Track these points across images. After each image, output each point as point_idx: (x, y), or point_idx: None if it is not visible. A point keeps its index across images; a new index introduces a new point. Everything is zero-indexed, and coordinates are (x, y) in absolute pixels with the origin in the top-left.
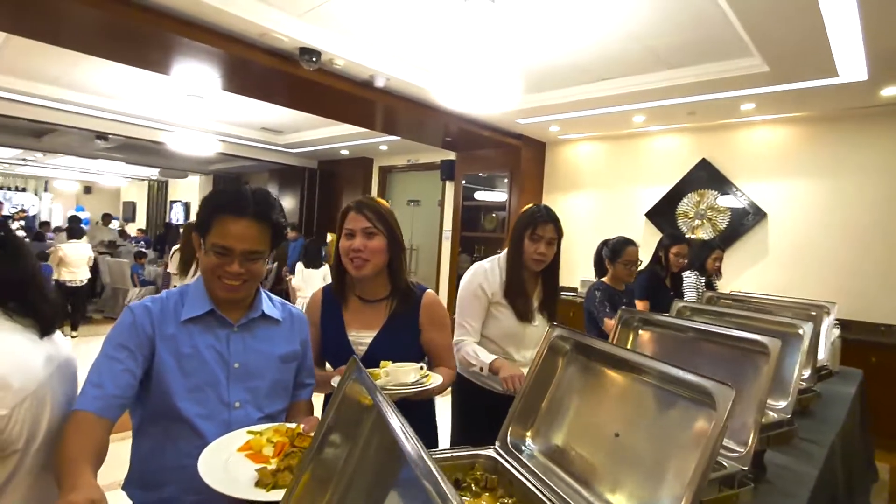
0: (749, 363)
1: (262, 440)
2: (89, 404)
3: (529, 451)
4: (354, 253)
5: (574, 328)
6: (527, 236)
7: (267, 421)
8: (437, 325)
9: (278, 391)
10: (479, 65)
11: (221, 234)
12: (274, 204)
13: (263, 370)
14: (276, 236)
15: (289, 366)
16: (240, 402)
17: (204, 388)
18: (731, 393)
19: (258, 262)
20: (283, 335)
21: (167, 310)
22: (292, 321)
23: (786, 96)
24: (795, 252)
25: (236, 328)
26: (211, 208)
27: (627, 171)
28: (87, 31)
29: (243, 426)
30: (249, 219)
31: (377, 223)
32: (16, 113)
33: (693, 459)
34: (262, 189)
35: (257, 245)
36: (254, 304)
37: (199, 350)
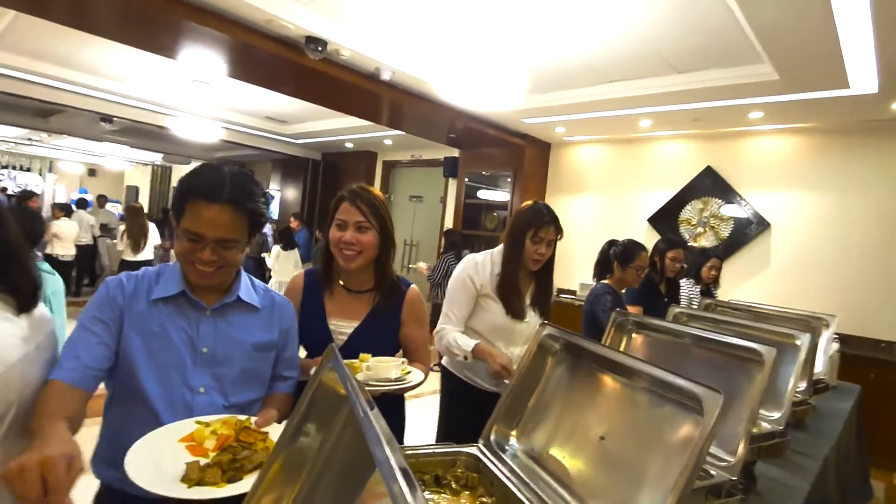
0: (742, 371)
1: (206, 432)
2: (65, 375)
3: (513, 451)
4: (345, 245)
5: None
6: (528, 237)
7: (234, 410)
8: (417, 321)
9: (249, 380)
10: (486, 62)
11: (193, 220)
12: (252, 190)
13: (233, 357)
14: (253, 224)
15: (264, 355)
16: (204, 388)
17: (168, 369)
18: (719, 398)
19: (232, 250)
20: (260, 323)
21: (141, 287)
22: (273, 309)
23: (795, 106)
24: (798, 264)
25: (209, 312)
26: (184, 191)
27: (631, 175)
28: (98, 12)
29: (207, 413)
30: (223, 205)
31: (371, 217)
32: (23, 92)
33: (679, 466)
34: (243, 173)
35: (231, 233)
36: (231, 288)
37: (167, 331)
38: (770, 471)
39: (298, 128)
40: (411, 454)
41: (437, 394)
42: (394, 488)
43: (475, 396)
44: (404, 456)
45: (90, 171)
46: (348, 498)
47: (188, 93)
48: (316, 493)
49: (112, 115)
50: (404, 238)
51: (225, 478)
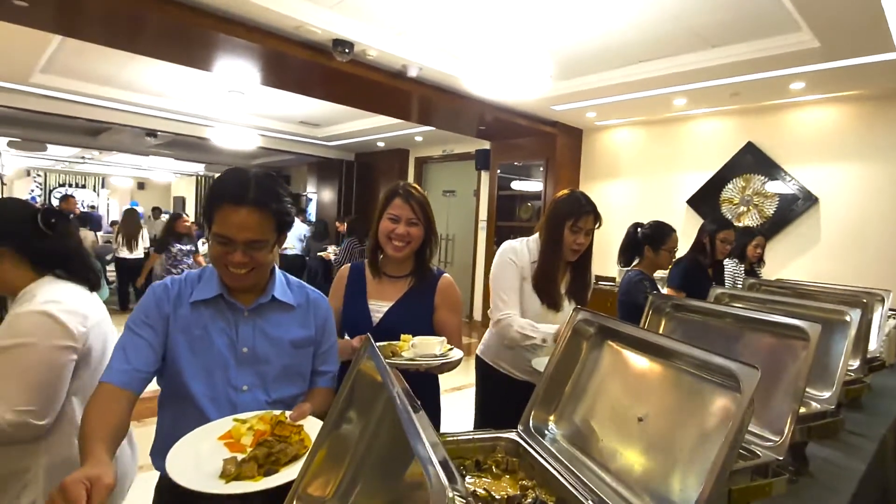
0: (787, 350)
1: (243, 429)
2: (113, 377)
3: (552, 435)
4: (397, 237)
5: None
6: (567, 227)
7: (278, 406)
8: (449, 307)
9: (290, 377)
10: (512, 50)
11: (222, 224)
12: (276, 191)
13: (272, 355)
14: (280, 224)
15: (303, 351)
16: (248, 386)
17: (212, 370)
18: (755, 374)
19: (262, 251)
20: (296, 320)
21: (184, 290)
22: (308, 306)
23: (838, 74)
24: (849, 240)
25: (247, 313)
26: (212, 197)
27: (668, 156)
28: (135, 31)
29: (251, 410)
30: (249, 207)
31: (420, 214)
32: (72, 112)
33: (717, 442)
34: (267, 174)
35: (259, 234)
36: (266, 288)
37: (209, 333)
38: (823, 452)
39: (331, 130)
40: (451, 440)
41: (473, 387)
42: (433, 479)
43: (509, 385)
44: (443, 442)
45: (139, 185)
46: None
47: (225, 103)
48: (359, 479)
49: (156, 130)
50: (440, 233)
51: (261, 471)
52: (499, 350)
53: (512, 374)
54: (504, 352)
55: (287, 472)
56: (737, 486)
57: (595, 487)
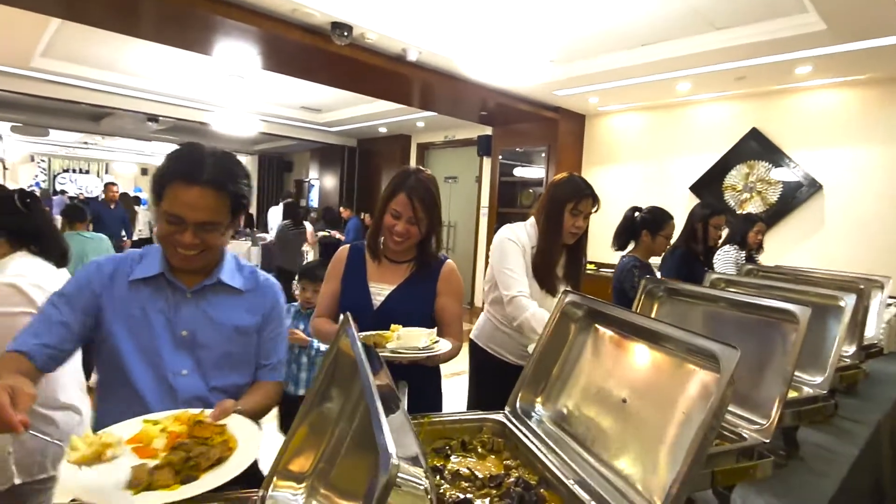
0: (778, 334)
1: (155, 430)
2: (20, 345)
3: (538, 417)
4: (397, 234)
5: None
6: (567, 210)
7: (218, 394)
8: (451, 293)
9: (233, 364)
10: (513, 34)
11: (173, 202)
12: (234, 171)
13: (214, 340)
14: (236, 206)
15: (248, 339)
16: (187, 371)
17: (151, 352)
18: (734, 354)
19: (214, 233)
20: (243, 306)
21: (122, 269)
22: (259, 291)
23: (845, 57)
24: (853, 226)
25: (189, 294)
26: (163, 173)
27: (671, 142)
28: (134, 13)
29: (193, 396)
30: (204, 187)
31: (423, 212)
32: (74, 97)
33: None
34: (225, 153)
35: (212, 215)
36: (213, 270)
37: (147, 313)
38: (814, 436)
39: (332, 116)
40: (438, 421)
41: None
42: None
43: (502, 370)
44: (430, 423)
45: (143, 171)
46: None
47: (226, 88)
48: (338, 455)
49: (157, 115)
50: (442, 219)
51: (178, 479)
52: (492, 334)
53: (505, 358)
54: (497, 336)
55: (209, 478)
56: (721, 467)
57: (578, 467)
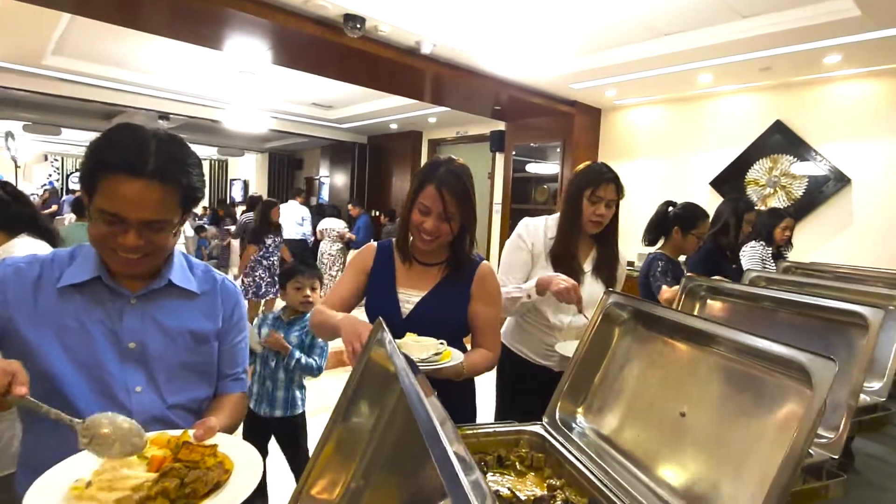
0: (839, 337)
1: (132, 457)
2: None
3: (580, 429)
4: (427, 232)
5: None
6: (586, 196)
7: (179, 412)
8: (486, 298)
9: (191, 376)
10: (529, 25)
11: (111, 198)
12: (184, 160)
13: (168, 350)
14: (187, 201)
15: (207, 347)
16: (141, 388)
17: (93, 370)
18: (832, 368)
19: (162, 233)
20: (199, 309)
21: (48, 274)
22: (216, 294)
23: (878, 45)
24: (884, 222)
25: (134, 300)
26: (97, 162)
27: (691, 136)
28: (144, 7)
29: (149, 415)
30: (149, 180)
31: (456, 207)
32: (86, 95)
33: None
34: (173, 137)
35: (159, 213)
36: (161, 271)
37: (85, 325)
38: (868, 446)
39: (343, 112)
40: (471, 433)
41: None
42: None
43: (527, 371)
44: (462, 436)
45: None
46: (405, 481)
47: (237, 85)
48: (374, 474)
49: (168, 113)
50: None
51: None
52: (516, 333)
53: (530, 359)
54: (522, 335)
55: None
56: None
57: (631, 488)
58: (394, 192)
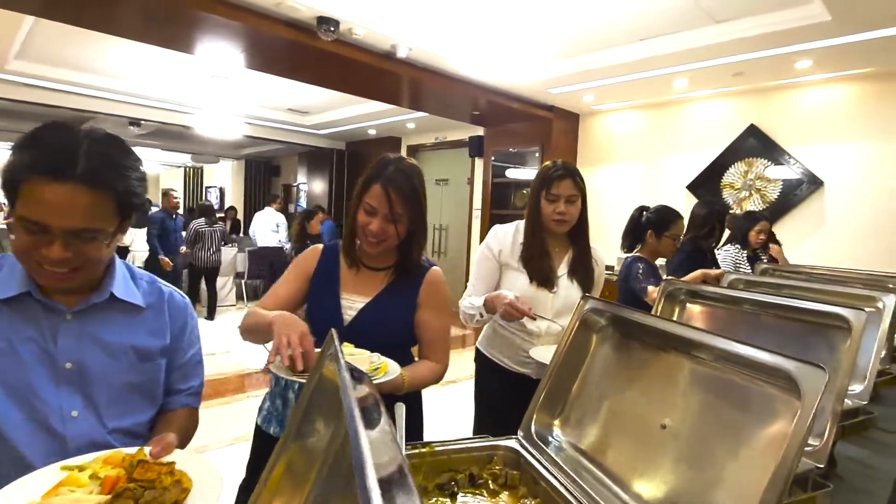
0: (822, 341)
1: (82, 478)
2: None
3: (557, 443)
4: (372, 234)
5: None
6: (543, 196)
7: (120, 437)
8: (435, 306)
9: (135, 398)
10: (507, 29)
11: (33, 205)
12: (120, 161)
13: (110, 370)
14: (124, 208)
15: (152, 365)
16: (78, 412)
17: (22, 394)
18: (821, 377)
19: (94, 244)
20: (145, 324)
21: None
22: (163, 307)
23: (848, 50)
24: (856, 224)
25: (70, 315)
26: (18, 165)
27: (667, 140)
28: (111, 10)
29: (87, 442)
30: (76, 184)
31: (404, 206)
32: (52, 101)
33: (763, 458)
34: (107, 137)
35: (89, 221)
36: (101, 284)
37: (14, 345)
38: (849, 450)
39: (320, 118)
40: (441, 450)
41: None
42: None
43: (506, 380)
44: (431, 452)
45: None
46: None
47: (209, 90)
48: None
49: (139, 119)
50: (433, 223)
51: None
52: (492, 338)
53: (508, 367)
54: (499, 342)
55: None
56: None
57: None
58: None
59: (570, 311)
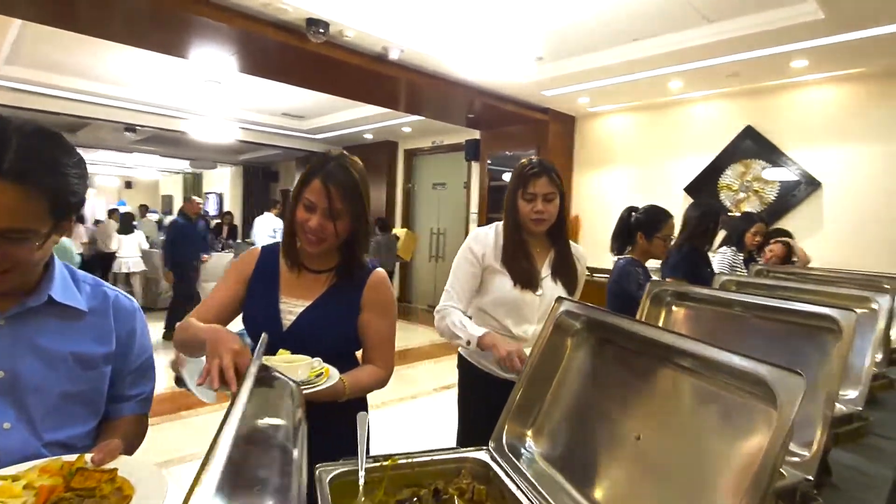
0: (812, 344)
1: (16, 488)
2: None
3: (529, 455)
4: (311, 231)
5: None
6: (519, 196)
7: (56, 450)
8: (379, 308)
9: (74, 408)
10: (499, 30)
11: None
12: (54, 157)
13: (47, 379)
14: (59, 207)
15: (95, 373)
16: (10, 424)
17: None
18: (799, 384)
19: (24, 246)
20: (87, 330)
21: None
22: (107, 311)
23: (843, 49)
24: (854, 225)
25: (2, 321)
26: None
27: (664, 143)
28: (98, 13)
29: (20, 456)
30: (3, 180)
31: (344, 202)
32: (45, 107)
33: (741, 473)
34: (40, 130)
35: (16, 221)
36: (38, 287)
37: None
38: (843, 457)
39: (316, 122)
40: (404, 463)
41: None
42: None
43: (492, 386)
44: (393, 466)
45: (126, 184)
46: None
47: (204, 95)
48: None
49: (134, 125)
50: (430, 227)
51: None
52: None
53: (493, 373)
54: None
55: None
56: None
57: None
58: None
59: None
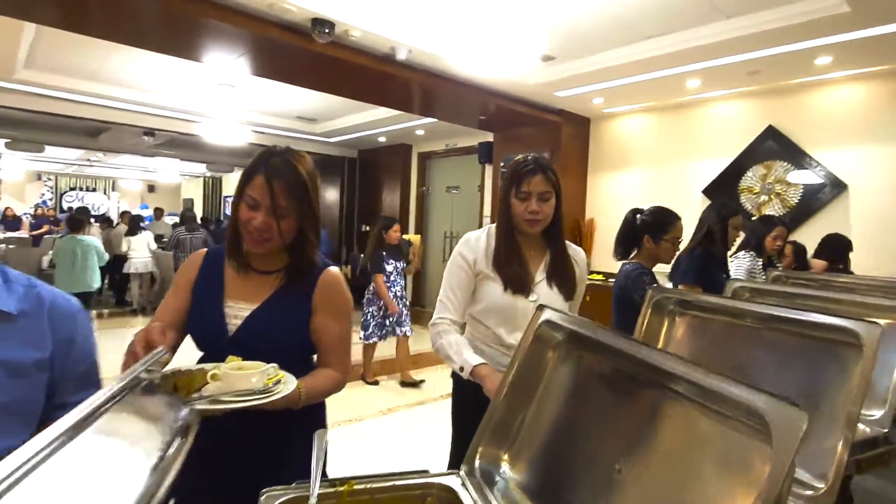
0: (832, 360)
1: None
2: None
3: (503, 482)
4: (255, 229)
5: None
6: (513, 195)
7: None
8: (332, 309)
9: (5, 420)
10: (509, 28)
11: None
12: None
13: None
14: None
15: (27, 381)
16: None
17: None
18: (801, 419)
19: None
20: (18, 335)
21: None
22: (41, 314)
23: (869, 44)
24: (883, 229)
25: None
26: None
27: (681, 144)
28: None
29: None
30: None
31: (289, 199)
32: (63, 111)
33: None
34: None
35: None
36: None
37: None
38: (867, 481)
39: (329, 125)
40: (362, 488)
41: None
42: None
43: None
44: (350, 491)
45: (149, 188)
46: None
47: (217, 98)
48: None
49: (152, 129)
50: (444, 230)
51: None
52: None
53: None
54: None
55: None
56: None
57: None
58: (384, 206)
59: None
